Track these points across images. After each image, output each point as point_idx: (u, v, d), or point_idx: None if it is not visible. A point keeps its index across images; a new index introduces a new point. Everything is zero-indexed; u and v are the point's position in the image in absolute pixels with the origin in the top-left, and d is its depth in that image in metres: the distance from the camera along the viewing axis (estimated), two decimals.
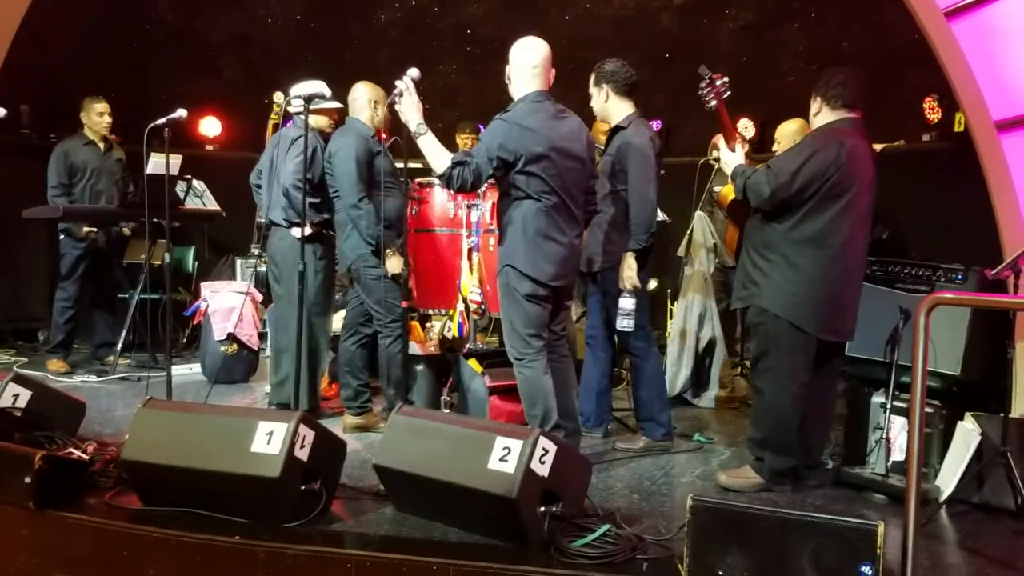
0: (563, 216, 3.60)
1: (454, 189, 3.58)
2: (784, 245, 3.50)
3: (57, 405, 3.85)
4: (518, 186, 3.55)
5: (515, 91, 3.68)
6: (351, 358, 4.51)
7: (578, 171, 3.66)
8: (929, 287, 3.84)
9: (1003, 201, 3.95)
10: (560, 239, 3.60)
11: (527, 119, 3.55)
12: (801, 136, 5.02)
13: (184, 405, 3.58)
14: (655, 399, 4.31)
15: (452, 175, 3.47)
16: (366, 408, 4.54)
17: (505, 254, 3.63)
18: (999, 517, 3.43)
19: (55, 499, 3.18)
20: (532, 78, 3.63)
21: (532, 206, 3.55)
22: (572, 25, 7.65)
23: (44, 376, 5.55)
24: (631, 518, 3.23)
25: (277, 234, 4.56)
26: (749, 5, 7.28)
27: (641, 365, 4.29)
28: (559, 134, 3.59)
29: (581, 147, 3.68)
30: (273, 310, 4.89)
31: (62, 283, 5.92)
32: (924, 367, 2.50)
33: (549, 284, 3.59)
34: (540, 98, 3.63)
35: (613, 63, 4.23)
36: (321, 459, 3.13)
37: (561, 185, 3.57)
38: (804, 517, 2.60)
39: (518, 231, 3.57)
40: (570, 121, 3.71)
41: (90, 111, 5.94)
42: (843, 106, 3.53)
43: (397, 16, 7.86)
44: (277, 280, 4.60)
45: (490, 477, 2.84)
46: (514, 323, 3.64)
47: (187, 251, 7.27)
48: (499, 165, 3.51)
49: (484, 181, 3.59)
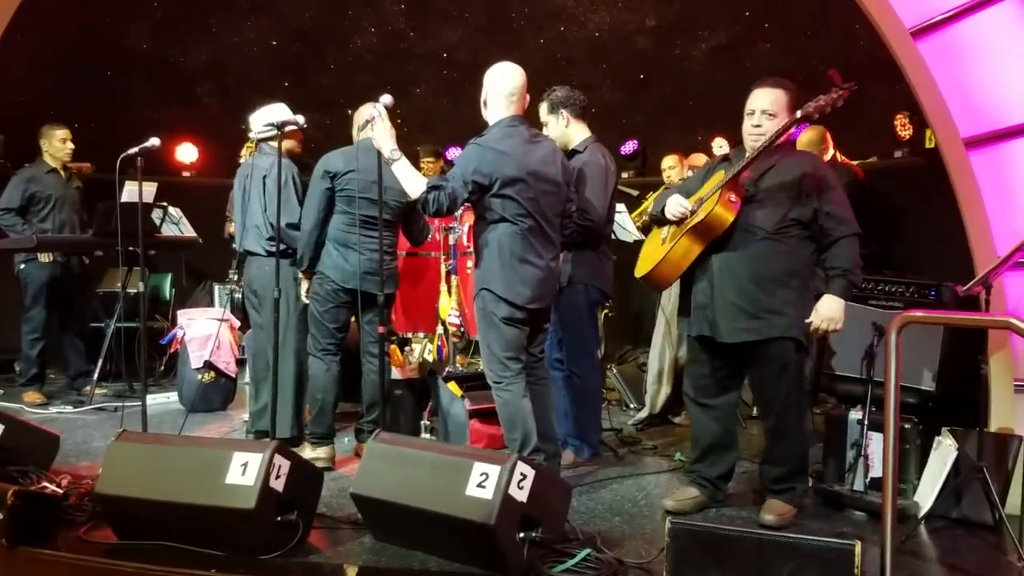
0: (539, 239, 3.62)
1: (430, 213, 3.58)
2: (805, 270, 3.46)
3: (30, 438, 3.80)
4: (494, 209, 3.56)
5: (490, 116, 3.70)
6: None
7: (553, 194, 3.68)
8: (903, 303, 3.87)
9: (973, 218, 3.99)
10: (536, 262, 3.61)
11: (501, 143, 3.57)
12: (822, 145, 5.20)
13: (157, 437, 3.54)
14: (591, 418, 4.37)
15: (428, 199, 3.48)
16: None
17: (481, 278, 3.63)
18: (978, 532, 3.44)
19: (29, 535, 3.12)
20: (508, 104, 3.65)
21: (508, 229, 3.56)
22: (547, 48, 7.72)
23: (20, 408, 5.50)
24: (612, 541, 3.21)
25: (255, 263, 4.52)
26: (721, 27, 7.38)
27: (582, 385, 4.31)
28: (534, 158, 3.61)
29: (556, 171, 3.70)
30: (251, 337, 4.84)
31: (27, 313, 5.85)
32: (897, 385, 2.52)
33: (526, 307, 3.59)
34: (515, 123, 3.65)
35: (563, 89, 4.27)
36: (297, 489, 3.09)
37: (536, 208, 3.59)
38: (782, 538, 2.60)
39: (494, 254, 3.58)
40: (544, 145, 3.74)
41: (51, 138, 5.83)
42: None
43: (373, 41, 7.89)
44: (256, 308, 4.56)
45: (468, 504, 2.83)
46: (492, 346, 3.63)
47: (164, 278, 7.23)
48: (474, 189, 3.52)
49: (459, 205, 3.60)
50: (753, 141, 3.43)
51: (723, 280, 3.46)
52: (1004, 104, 3.91)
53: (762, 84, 3.49)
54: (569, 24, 7.72)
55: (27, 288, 5.85)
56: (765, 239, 3.40)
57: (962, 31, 4.01)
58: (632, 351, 7.04)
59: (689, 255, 3.52)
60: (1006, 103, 3.90)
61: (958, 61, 4.02)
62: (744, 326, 3.40)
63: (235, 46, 7.84)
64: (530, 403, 3.63)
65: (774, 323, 3.38)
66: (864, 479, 3.65)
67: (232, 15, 7.69)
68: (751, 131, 3.46)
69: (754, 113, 3.45)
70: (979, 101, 3.95)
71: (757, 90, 3.49)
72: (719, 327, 3.46)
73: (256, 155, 4.56)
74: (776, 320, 3.38)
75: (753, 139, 3.43)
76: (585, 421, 4.34)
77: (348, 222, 4.23)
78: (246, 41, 7.84)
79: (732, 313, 3.42)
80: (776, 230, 3.40)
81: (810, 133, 5.20)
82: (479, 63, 3.81)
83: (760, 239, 3.40)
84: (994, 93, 3.92)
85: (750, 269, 3.41)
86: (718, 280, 3.47)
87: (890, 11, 4.09)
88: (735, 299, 3.42)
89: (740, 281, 3.42)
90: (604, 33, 7.66)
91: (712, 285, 3.49)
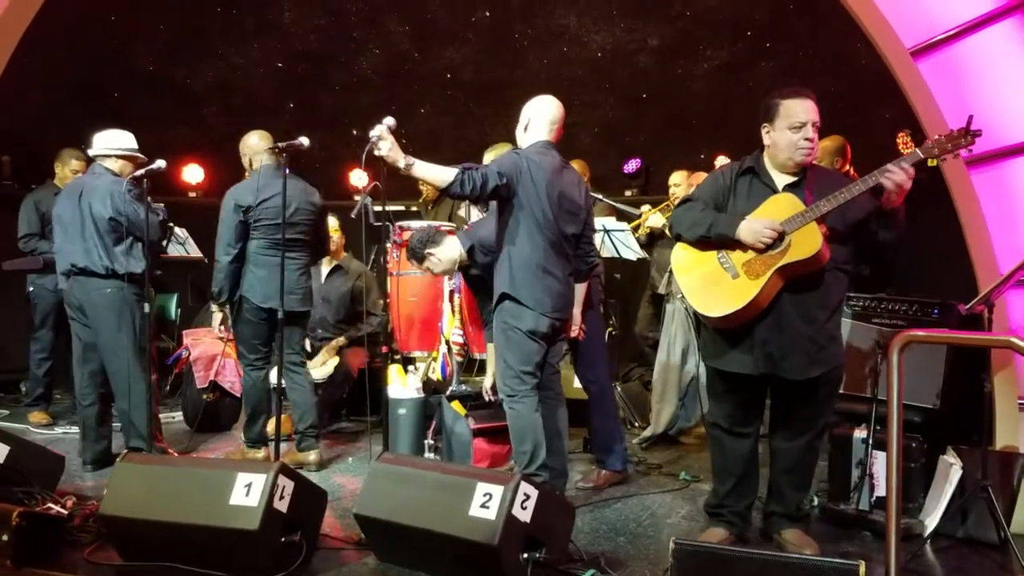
0: (559, 255, 3.73)
1: (465, 192, 3.59)
2: (840, 297, 3.35)
3: (36, 459, 3.81)
4: (520, 219, 3.67)
5: (525, 138, 3.87)
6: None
7: (574, 216, 3.81)
8: (906, 322, 3.87)
9: (975, 236, 4.00)
10: (558, 274, 3.72)
11: (537, 156, 3.74)
12: (842, 155, 4.88)
13: (162, 458, 3.56)
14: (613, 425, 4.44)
15: (463, 179, 3.54)
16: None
17: (506, 286, 3.69)
18: (984, 551, 3.43)
19: (34, 556, 3.14)
20: (548, 131, 3.85)
21: (533, 240, 3.66)
22: (550, 68, 7.76)
23: (25, 428, 5.51)
24: (616, 562, 3.21)
25: (92, 283, 4.54)
26: (723, 46, 7.41)
27: (600, 395, 4.38)
28: (563, 180, 3.77)
29: (579, 195, 3.87)
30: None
31: (35, 334, 5.90)
32: (900, 403, 2.52)
33: (548, 316, 3.66)
34: (549, 147, 3.84)
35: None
36: (301, 509, 3.10)
37: (559, 226, 3.71)
38: (786, 558, 2.61)
39: (520, 263, 3.66)
40: (572, 172, 3.92)
41: (66, 164, 5.88)
42: None
43: (378, 62, 7.95)
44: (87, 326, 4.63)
45: (471, 524, 2.83)
46: (508, 359, 3.68)
47: (170, 298, 7.25)
48: (506, 182, 3.61)
49: (490, 190, 3.59)
50: (805, 156, 3.18)
51: (793, 314, 3.18)
52: (1005, 123, 3.93)
53: (799, 93, 3.21)
54: (572, 44, 7.76)
55: (36, 309, 5.89)
56: (832, 269, 3.20)
57: (962, 50, 4.04)
58: (637, 369, 7.03)
59: (775, 291, 3.17)
60: (1007, 122, 3.92)
61: (958, 80, 4.04)
62: (813, 360, 3.19)
63: (241, 67, 7.89)
64: (541, 418, 3.68)
65: (833, 351, 3.25)
66: (869, 498, 3.64)
67: (238, 36, 7.75)
68: (802, 145, 3.17)
69: (804, 126, 3.17)
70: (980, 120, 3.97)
71: (797, 100, 3.19)
72: (788, 365, 3.19)
73: (89, 175, 4.74)
74: (835, 348, 3.27)
75: (805, 153, 3.18)
76: (611, 428, 4.38)
77: (264, 246, 4.53)
78: (252, 62, 7.90)
79: (805, 348, 3.18)
80: (844, 261, 3.24)
81: (829, 142, 4.83)
82: (483, 83, 3.88)
83: (828, 270, 3.18)
84: (994, 112, 3.93)
85: (820, 301, 3.20)
86: (788, 314, 3.18)
87: (890, 31, 4.12)
88: (806, 331, 3.17)
89: (811, 314, 3.19)
90: (607, 53, 7.70)
91: (780, 319, 3.18)
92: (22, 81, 6.05)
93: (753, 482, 3.50)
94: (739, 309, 3.15)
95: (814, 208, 3.10)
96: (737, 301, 3.16)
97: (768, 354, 3.20)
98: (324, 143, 7.30)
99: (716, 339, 3.35)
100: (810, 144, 3.18)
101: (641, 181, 7.91)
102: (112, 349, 4.53)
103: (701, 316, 3.34)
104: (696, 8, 7.31)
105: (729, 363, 3.31)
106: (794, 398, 3.31)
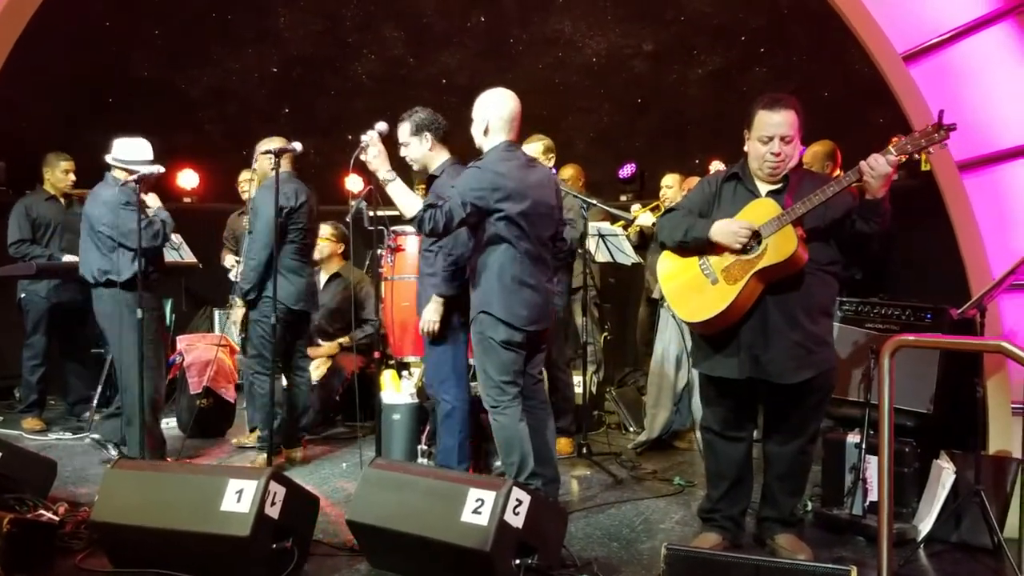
0: (536, 262, 3.64)
1: (426, 232, 3.60)
2: (828, 300, 3.35)
3: (27, 465, 3.79)
4: (493, 232, 3.58)
5: (486, 141, 3.73)
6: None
7: (548, 218, 3.71)
8: (898, 326, 3.87)
9: (967, 240, 4.01)
10: (534, 284, 3.62)
11: (500, 166, 3.60)
12: (831, 161, 4.85)
13: (153, 464, 3.55)
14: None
15: (424, 217, 3.50)
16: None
17: (480, 300, 3.64)
18: (977, 556, 3.43)
19: (25, 563, 3.11)
20: (508, 129, 3.70)
21: (507, 252, 3.58)
22: (545, 73, 7.77)
23: (19, 435, 5.50)
24: (609, 567, 3.21)
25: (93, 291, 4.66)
26: (718, 51, 7.43)
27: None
28: (530, 182, 3.64)
29: (550, 194, 3.75)
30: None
31: (28, 339, 5.90)
32: (891, 408, 2.52)
33: (524, 329, 3.60)
34: (511, 148, 3.70)
35: (425, 111, 4.09)
36: (293, 516, 3.09)
37: (533, 231, 3.61)
38: (778, 563, 2.60)
39: (493, 277, 3.59)
40: (539, 170, 3.80)
41: (55, 167, 5.90)
42: None
43: (373, 67, 7.95)
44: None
45: (463, 530, 2.82)
46: (488, 371, 3.63)
47: (164, 304, 7.22)
48: (472, 211, 3.53)
49: (455, 225, 3.57)
50: (771, 170, 3.19)
51: (777, 317, 3.17)
52: (997, 127, 3.94)
53: (773, 105, 3.16)
54: (567, 49, 7.78)
55: (28, 315, 5.88)
56: (815, 272, 3.19)
57: (954, 55, 4.05)
58: (632, 374, 7.04)
59: (755, 295, 3.17)
60: (999, 126, 3.93)
61: (950, 85, 4.05)
62: (802, 364, 3.17)
63: (236, 73, 7.90)
64: (527, 427, 3.64)
65: (824, 355, 3.24)
66: (863, 503, 3.64)
67: (233, 42, 7.76)
68: (769, 159, 3.17)
69: (772, 140, 3.15)
70: (972, 124, 3.97)
71: (769, 112, 3.16)
72: (775, 368, 3.17)
73: (100, 183, 4.76)
74: (826, 351, 3.25)
75: (771, 167, 3.18)
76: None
77: (294, 249, 4.72)
78: (247, 68, 7.90)
79: (791, 352, 3.16)
80: (828, 262, 3.24)
81: (819, 146, 4.85)
82: (478, 88, 3.84)
83: (810, 272, 3.17)
84: (987, 116, 3.95)
85: (804, 303, 3.18)
86: (772, 317, 3.17)
87: (882, 36, 4.13)
88: (792, 335, 3.16)
89: (795, 317, 3.17)
90: (601, 58, 7.72)
91: (765, 323, 3.18)
92: (18, 87, 6.06)
93: (747, 487, 3.49)
94: (718, 314, 3.18)
95: (790, 212, 3.11)
96: (716, 306, 3.19)
97: (754, 357, 3.20)
98: (319, 148, 7.30)
99: (702, 345, 3.38)
100: (776, 159, 3.17)
101: (636, 186, 7.91)
102: (117, 355, 4.68)
103: (685, 322, 3.38)
104: (690, 14, 7.33)
105: (716, 368, 3.33)
106: (786, 402, 3.31)
